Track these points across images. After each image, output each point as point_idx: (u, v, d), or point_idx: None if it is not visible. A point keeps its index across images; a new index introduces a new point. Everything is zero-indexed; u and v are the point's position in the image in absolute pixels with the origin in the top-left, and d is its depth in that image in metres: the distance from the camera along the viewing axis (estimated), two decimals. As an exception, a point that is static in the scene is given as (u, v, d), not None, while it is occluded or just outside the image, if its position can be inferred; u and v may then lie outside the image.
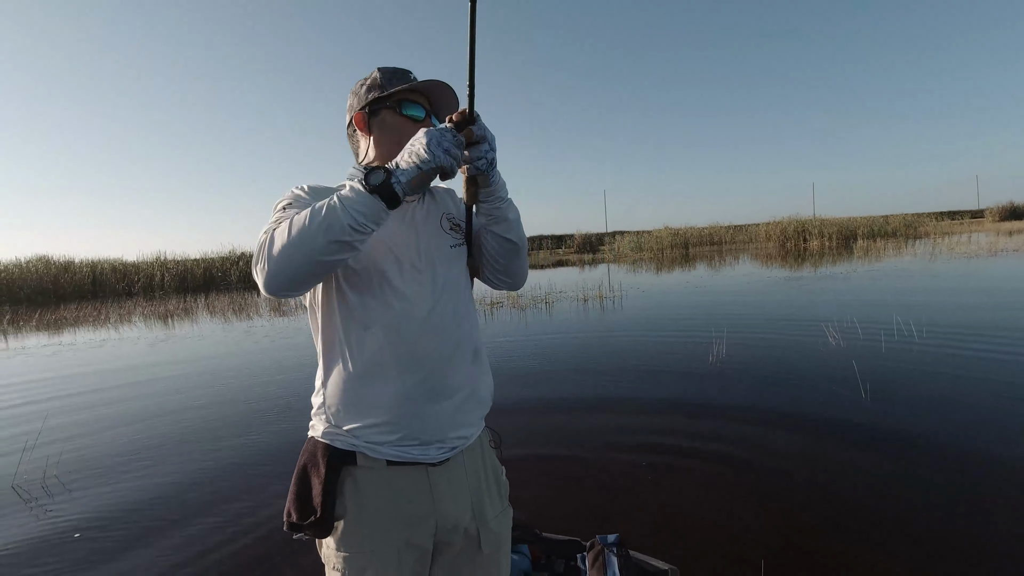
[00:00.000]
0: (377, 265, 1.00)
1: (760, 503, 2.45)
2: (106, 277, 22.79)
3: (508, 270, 1.15)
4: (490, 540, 1.08)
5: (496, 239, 1.09)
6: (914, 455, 2.82)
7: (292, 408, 4.32)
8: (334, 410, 1.00)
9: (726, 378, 4.37)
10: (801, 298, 8.57)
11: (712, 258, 20.49)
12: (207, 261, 24.84)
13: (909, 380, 4.01)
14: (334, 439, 1.00)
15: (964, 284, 9.01)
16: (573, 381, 4.60)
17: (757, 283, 11.09)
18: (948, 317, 6.10)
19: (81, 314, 14.26)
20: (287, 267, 0.86)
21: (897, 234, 26.06)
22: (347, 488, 0.98)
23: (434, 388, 0.99)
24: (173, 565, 2.23)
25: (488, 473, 1.12)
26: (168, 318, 12.22)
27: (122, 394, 5.24)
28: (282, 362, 6.25)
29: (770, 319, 6.85)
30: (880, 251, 17.53)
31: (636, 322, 7.48)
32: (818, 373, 4.33)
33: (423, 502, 1.00)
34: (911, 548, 2.05)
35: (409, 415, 0.98)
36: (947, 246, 17.48)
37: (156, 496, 2.91)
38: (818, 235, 24.98)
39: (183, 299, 17.77)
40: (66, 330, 11.00)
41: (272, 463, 3.26)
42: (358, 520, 0.97)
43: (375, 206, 0.87)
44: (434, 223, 1.12)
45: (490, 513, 1.09)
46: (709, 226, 32.23)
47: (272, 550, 2.29)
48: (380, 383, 0.97)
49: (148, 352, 7.66)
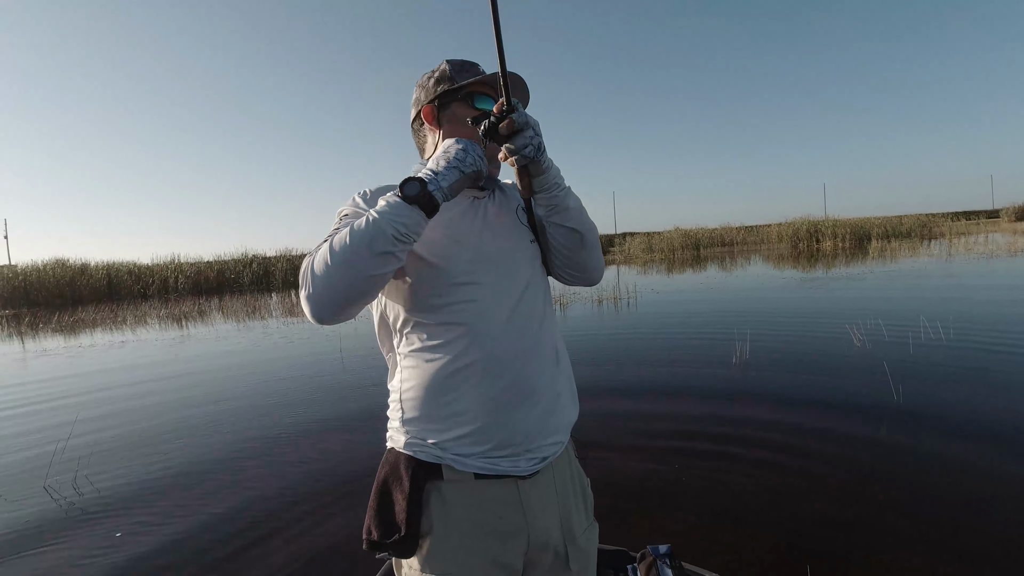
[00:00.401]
0: (452, 265, 0.96)
1: (797, 506, 2.42)
2: (122, 280, 23.01)
3: (576, 263, 1.07)
4: (578, 558, 1.02)
5: (558, 230, 1.03)
6: (953, 457, 2.77)
7: (316, 401, 4.33)
8: (415, 422, 0.95)
9: (752, 380, 4.33)
10: (819, 299, 8.48)
11: (723, 259, 20.36)
12: (220, 263, 25.03)
13: (942, 381, 3.96)
14: (418, 451, 0.94)
15: (987, 284, 8.88)
16: (593, 382, 4.57)
17: (772, 284, 11.00)
18: (975, 317, 6.02)
19: (98, 316, 14.41)
20: (334, 289, 0.83)
21: (912, 234, 25.77)
22: (433, 503, 0.92)
23: (521, 391, 0.93)
24: (219, 560, 2.24)
25: (576, 485, 1.07)
26: (183, 320, 12.32)
27: (145, 393, 5.28)
28: (298, 359, 6.28)
29: (790, 320, 6.78)
30: (895, 252, 17.33)
31: (654, 323, 7.44)
32: (846, 374, 4.28)
33: (514, 518, 0.94)
34: (955, 551, 2.02)
35: (498, 422, 0.92)
36: (963, 246, 17.25)
37: (187, 494, 2.93)
38: (831, 236, 24.76)
39: (197, 301, 17.92)
40: (84, 332, 11.11)
41: (298, 457, 3.27)
42: (445, 538, 0.91)
43: (415, 215, 0.85)
44: (510, 217, 1.06)
45: (578, 529, 1.03)
46: (720, 227, 32.10)
47: (314, 546, 2.29)
48: (464, 389, 0.92)
49: (167, 352, 7.72)
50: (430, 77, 1.08)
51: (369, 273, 0.83)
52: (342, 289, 0.83)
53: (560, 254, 1.06)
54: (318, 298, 0.84)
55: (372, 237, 0.82)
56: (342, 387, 4.91)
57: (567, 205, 1.00)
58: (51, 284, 21.35)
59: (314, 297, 0.84)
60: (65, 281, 21.67)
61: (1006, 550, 2.02)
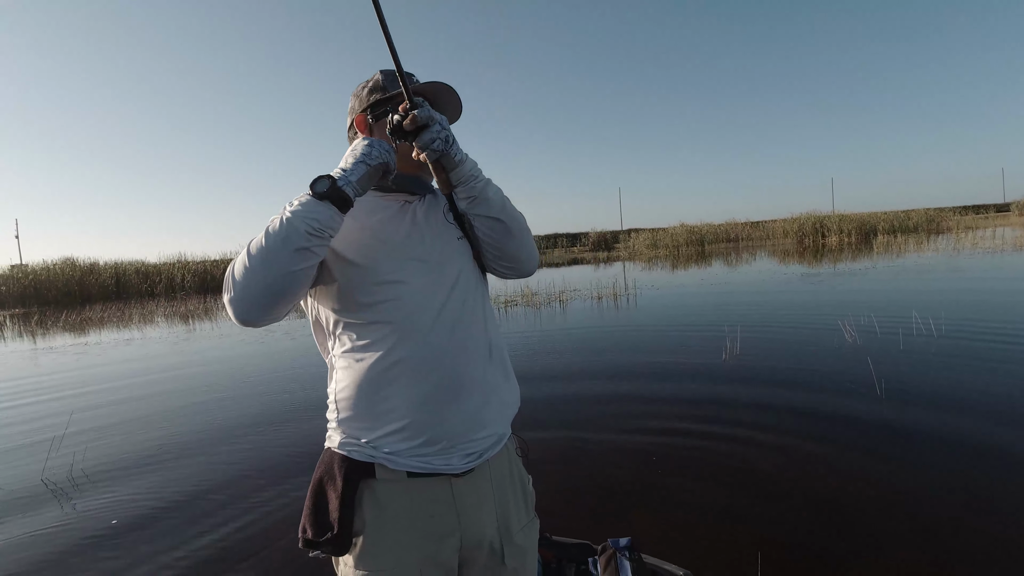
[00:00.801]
0: (380, 266, 0.97)
1: (768, 500, 2.46)
2: (129, 278, 23.29)
3: (506, 253, 1.08)
4: (514, 554, 1.03)
5: (482, 221, 1.03)
6: (928, 451, 2.80)
7: (311, 400, 4.40)
8: (349, 421, 0.96)
9: (738, 374, 4.35)
10: (817, 294, 8.47)
11: (728, 255, 20.30)
12: (227, 262, 25.25)
13: (925, 377, 3.96)
14: (351, 450, 0.96)
15: (986, 280, 8.83)
16: (582, 377, 4.61)
17: (773, 280, 10.98)
18: (968, 313, 6.00)
19: (106, 314, 14.61)
20: (255, 289, 0.85)
21: (919, 229, 25.56)
22: (365, 502, 0.94)
23: (451, 387, 0.95)
24: (210, 548, 2.32)
25: (515, 483, 1.08)
26: (189, 318, 12.47)
27: (146, 390, 5.38)
28: (298, 357, 6.37)
29: (785, 316, 6.78)
30: (900, 247, 17.22)
31: (649, 319, 7.46)
32: (832, 369, 4.29)
33: (447, 517, 0.95)
34: (926, 544, 2.05)
35: (428, 418, 0.93)
36: (970, 241, 17.10)
37: (181, 488, 3.00)
38: (837, 231, 24.58)
39: (203, 299, 18.11)
40: (92, 330, 11.28)
41: (290, 452, 3.34)
42: (377, 536, 0.92)
43: (327, 211, 0.87)
44: (437, 217, 1.08)
45: (515, 526, 1.04)
46: (725, 223, 31.93)
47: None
48: (395, 387, 0.93)
49: (171, 350, 7.83)
50: (364, 87, 1.10)
51: (288, 269, 0.85)
52: (262, 288, 0.85)
53: (489, 246, 1.07)
54: (240, 300, 0.86)
55: (286, 235, 0.85)
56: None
57: (487, 196, 1.02)
58: (60, 283, 21.66)
59: (236, 300, 0.86)
60: (75, 280, 21.98)
61: (977, 541, 2.05)
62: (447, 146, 0.94)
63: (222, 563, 2.23)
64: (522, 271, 1.13)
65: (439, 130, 0.93)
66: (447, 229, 1.07)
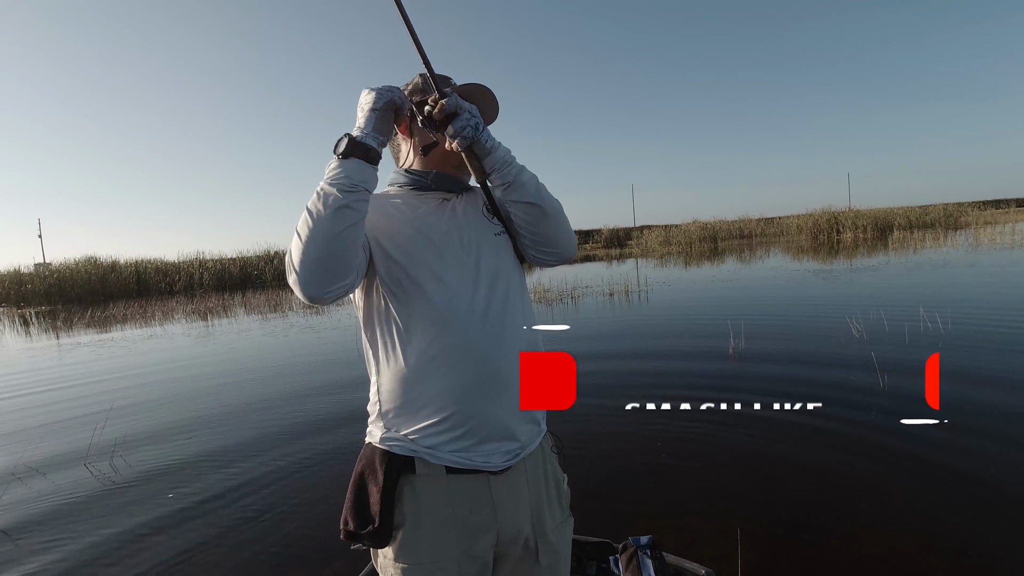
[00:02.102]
0: (420, 258, 1.00)
1: (770, 489, 2.58)
2: (149, 276, 23.79)
3: (543, 237, 1.09)
4: (548, 552, 1.05)
5: (517, 207, 1.05)
6: (927, 444, 2.89)
7: (332, 385, 4.59)
8: (391, 414, 0.99)
9: (744, 369, 4.46)
10: (828, 291, 8.51)
11: (742, 251, 20.23)
12: (243, 260, 25.67)
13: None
14: (392, 445, 0.98)
15: (998, 276, 8.79)
16: (592, 373, 4.74)
17: (784, 276, 10.99)
18: (976, 309, 6.04)
19: (129, 312, 14.99)
20: (310, 260, 0.87)
21: (936, 225, 25.21)
22: (406, 496, 0.96)
23: (491, 380, 0.97)
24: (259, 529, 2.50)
25: (549, 481, 1.09)
26: (208, 315, 12.78)
27: (173, 382, 5.61)
28: (319, 348, 6.58)
29: (794, 312, 6.88)
30: (917, 243, 17.05)
31: (659, 314, 7.57)
32: (837, 364, 4.39)
33: (484, 512, 0.98)
34: (918, 529, 2.16)
35: (467, 409, 0.96)
36: (987, 236, 16.89)
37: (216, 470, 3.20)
38: (852, 227, 24.32)
39: (222, 297, 18.47)
40: (115, 326, 11.63)
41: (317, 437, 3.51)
42: (417, 529, 0.95)
43: (355, 166, 0.90)
44: (475, 212, 1.10)
45: (549, 524, 1.06)
46: (739, 219, 31.74)
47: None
48: (435, 379, 0.96)
49: (195, 344, 8.10)
50: (404, 89, 1.11)
51: (331, 231, 0.87)
52: (313, 257, 0.87)
53: (526, 232, 1.08)
54: (299, 275, 0.88)
55: (323, 199, 0.88)
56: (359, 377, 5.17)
57: (521, 181, 1.03)
58: (83, 281, 22.22)
59: (297, 275, 0.88)
60: (97, 278, 22.52)
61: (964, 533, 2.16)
62: (477, 133, 0.97)
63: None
64: (562, 256, 1.14)
65: (468, 118, 0.96)
66: (486, 224, 1.10)
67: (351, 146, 0.91)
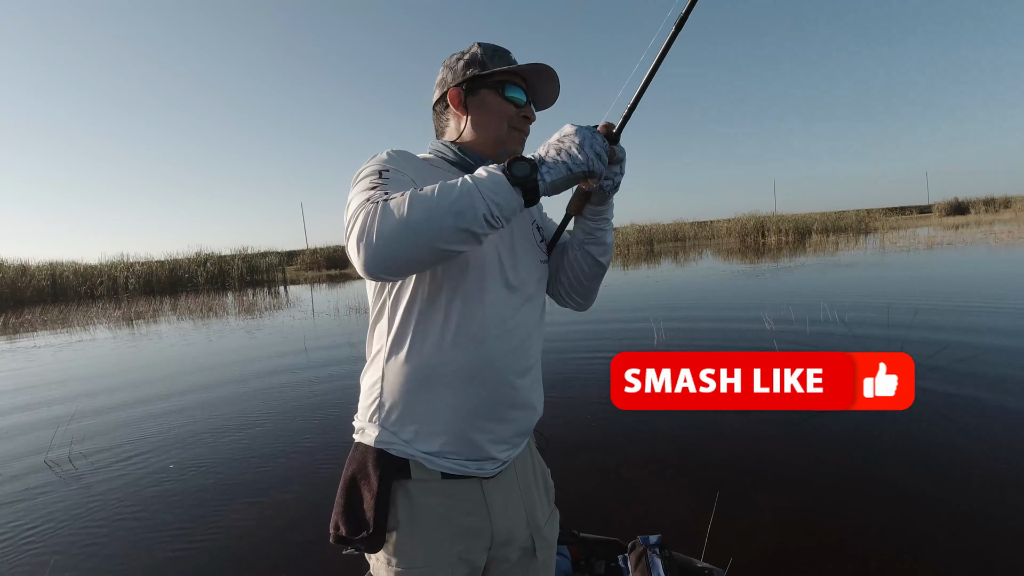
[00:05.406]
0: (481, 261, 0.94)
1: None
2: (66, 280, 22.25)
3: (584, 290, 1.10)
4: (544, 547, 1.06)
5: (588, 259, 1.05)
6: (830, 429, 3.35)
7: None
8: (394, 412, 0.94)
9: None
10: (748, 289, 9.27)
11: (676, 254, 21.20)
12: (173, 262, 24.47)
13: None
14: (389, 446, 0.93)
15: (891, 271, 9.84)
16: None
17: (711, 276, 11.79)
18: (868, 303, 6.80)
19: (46, 318, 14.05)
20: (400, 248, 0.75)
21: (849, 229, 27.29)
22: (399, 500, 0.93)
23: (500, 404, 0.95)
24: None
25: (538, 478, 1.10)
26: (135, 320, 12.20)
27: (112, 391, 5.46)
28: (260, 352, 6.55)
29: (713, 307, 7.51)
30: (832, 245, 18.53)
31: (589, 314, 7.97)
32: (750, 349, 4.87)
33: (478, 516, 0.97)
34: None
35: (470, 429, 0.93)
36: (890, 240, 18.60)
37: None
38: (775, 231, 25.97)
39: (151, 302, 17.57)
40: (39, 332, 10.92)
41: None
42: (410, 534, 0.93)
43: (514, 200, 0.78)
44: (527, 233, 1.06)
45: (542, 519, 1.07)
46: (674, 223, 33.15)
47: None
48: (447, 392, 0.92)
49: (128, 351, 7.81)
50: (459, 59, 1.02)
51: (440, 247, 0.76)
52: (408, 251, 0.76)
53: (579, 280, 1.08)
54: (379, 254, 0.75)
55: (462, 208, 0.75)
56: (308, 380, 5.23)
57: (606, 240, 1.04)
58: (-11, 286, 20.48)
59: (376, 251, 0.75)
60: (5, 283, 20.84)
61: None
62: (615, 190, 0.95)
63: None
64: (584, 309, 1.17)
65: (618, 172, 0.92)
66: (534, 249, 1.06)
67: (528, 180, 0.79)
